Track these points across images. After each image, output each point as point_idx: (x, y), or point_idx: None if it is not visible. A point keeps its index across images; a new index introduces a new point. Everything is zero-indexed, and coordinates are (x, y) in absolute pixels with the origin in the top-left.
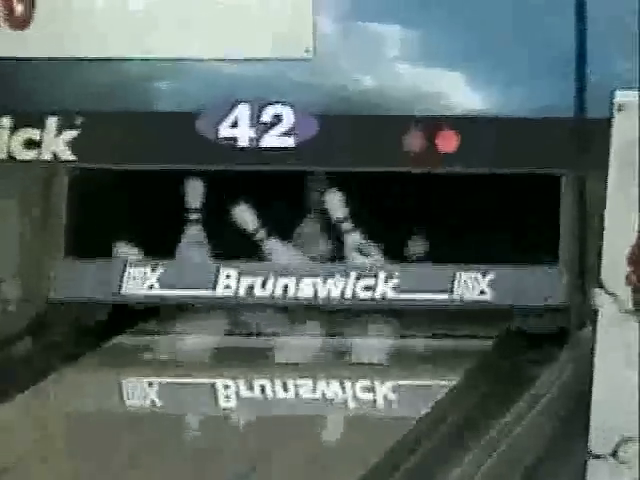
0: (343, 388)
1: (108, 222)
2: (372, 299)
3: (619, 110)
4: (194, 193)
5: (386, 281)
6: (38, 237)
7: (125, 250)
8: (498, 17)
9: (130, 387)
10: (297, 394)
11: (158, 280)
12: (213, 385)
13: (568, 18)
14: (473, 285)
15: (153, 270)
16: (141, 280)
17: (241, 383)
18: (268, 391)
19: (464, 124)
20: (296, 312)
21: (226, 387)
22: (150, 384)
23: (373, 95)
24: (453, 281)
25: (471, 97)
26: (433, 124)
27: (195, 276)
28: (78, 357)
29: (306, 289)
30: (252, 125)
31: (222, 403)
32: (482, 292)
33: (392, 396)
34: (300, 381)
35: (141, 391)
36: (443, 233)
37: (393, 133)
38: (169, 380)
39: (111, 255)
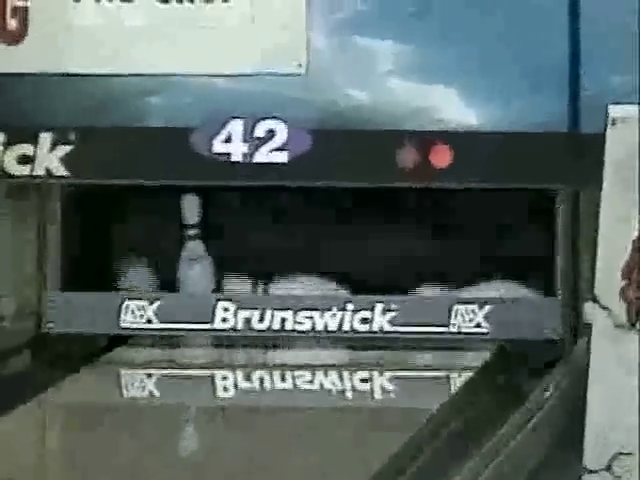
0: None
1: (104, 247)
2: (369, 331)
3: (613, 124)
4: (191, 209)
5: (383, 314)
6: (34, 261)
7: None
8: (492, 32)
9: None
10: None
11: (156, 314)
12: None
13: (562, 33)
14: (470, 317)
15: (151, 303)
16: (139, 313)
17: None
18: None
19: (458, 139)
20: None
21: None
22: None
23: (366, 110)
24: (450, 313)
25: (465, 112)
26: (426, 139)
27: (193, 309)
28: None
29: (304, 322)
30: (245, 140)
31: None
32: (479, 325)
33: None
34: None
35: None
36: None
37: (386, 148)
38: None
39: (109, 283)
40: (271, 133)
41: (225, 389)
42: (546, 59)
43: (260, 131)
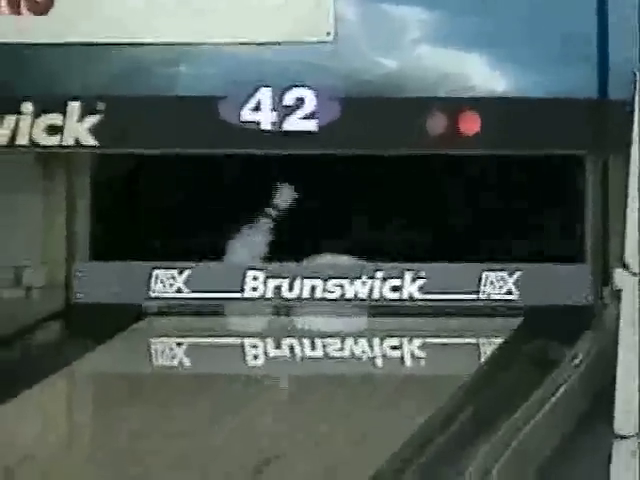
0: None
1: (133, 217)
2: (399, 299)
3: None
4: (285, 196)
5: (413, 281)
6: (63, 232)
7: None
8: (520, 0)
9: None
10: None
11: (186, 283)
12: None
13: (590, 1)
14: (500, 285)
15: (181, 273)
16: (169, 283)
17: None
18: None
19: (486, 106)
20: None
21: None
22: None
23: (395, 78)
24: (479, 281)
25: (493, 79)
26: (455, 106)
27: (223, 278)
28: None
29: (334, 290)
30: (274, 109)
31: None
32: (509, 292)
33: None
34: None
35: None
36: (467, 230)
37: (415, 115)
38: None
39: (138, 255)
40: (300, 101)
41: (255, 357)
42: (575, 27)
43: (289, 99)
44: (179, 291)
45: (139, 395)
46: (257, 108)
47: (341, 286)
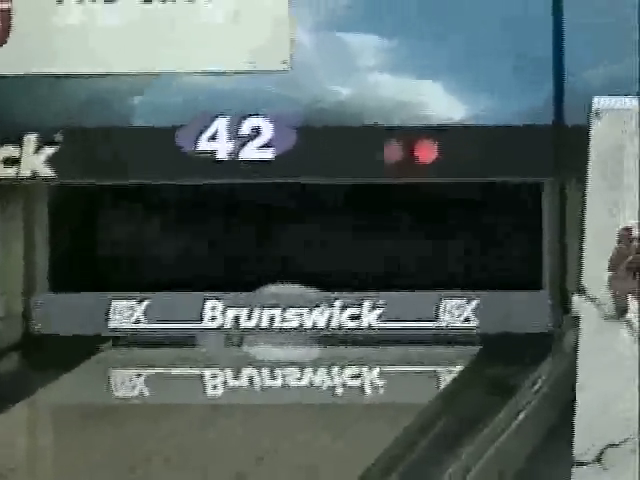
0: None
1: (92, 248)
2: (358, 328)
3: (597, 116)
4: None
5: (371, 310)
6: (22, 262)
7: None
8: (475, 26)
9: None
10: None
11: (144, 313)
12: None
13: (545, 26)
14: (459, 312)
15: (139, 303)
16: (128, 313)
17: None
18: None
19: (442, 134)
20: None
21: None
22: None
23: (351, 106)
24: (438, 308)
25: (449, 106)
26: (411, 134)
27: (181, 308)
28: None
29: (292, 319)
30: (231, 138)
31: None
32: (467, 319)
33: None
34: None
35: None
36: (426, 258)
37: (371, 144)
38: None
39: (96, 285)
40: (256, 130)
41: (214, 387)
42: (532, 52)
43: (245, 129)
44: (138, 322)
45: (96, 425)
46: (214, 137)
47: (300, 315)
